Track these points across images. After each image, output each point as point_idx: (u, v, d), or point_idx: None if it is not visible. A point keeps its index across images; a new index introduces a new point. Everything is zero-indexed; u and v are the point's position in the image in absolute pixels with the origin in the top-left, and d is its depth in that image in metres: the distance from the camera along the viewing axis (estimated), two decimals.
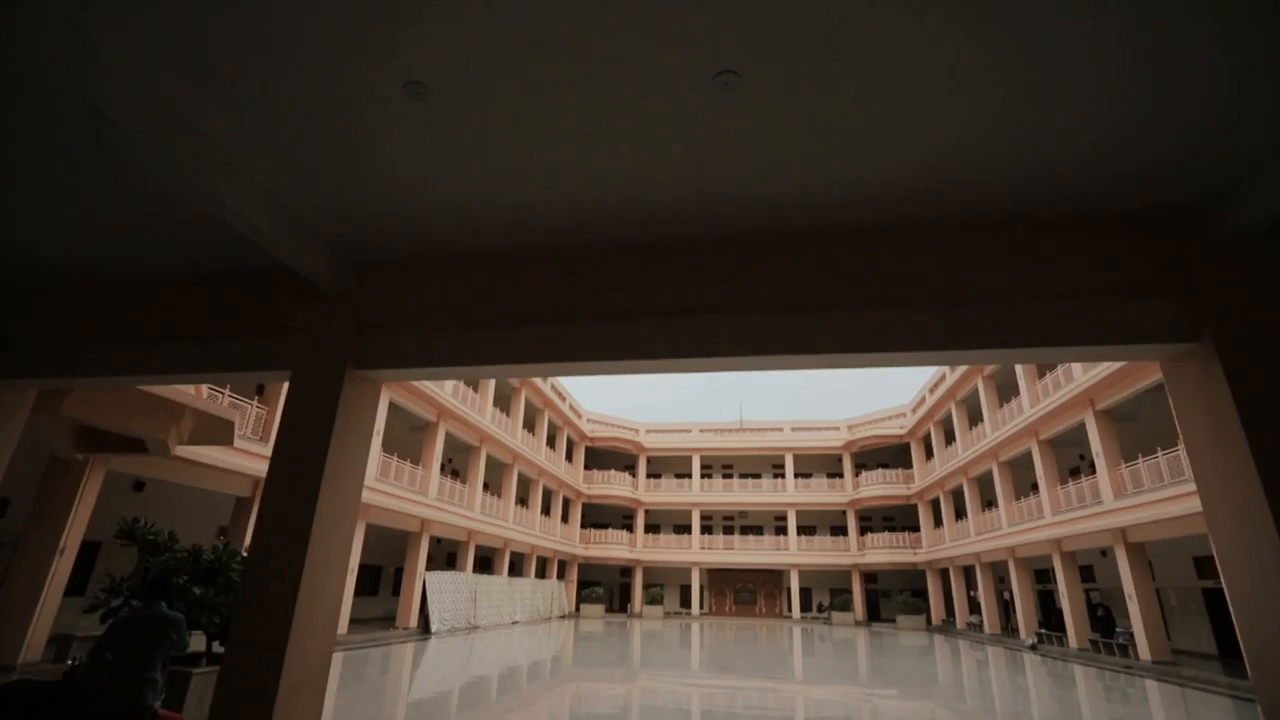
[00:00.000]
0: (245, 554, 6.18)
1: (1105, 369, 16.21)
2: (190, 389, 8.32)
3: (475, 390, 23.42)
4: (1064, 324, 3.82)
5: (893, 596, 34.72)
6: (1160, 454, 15.00)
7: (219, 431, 8.69)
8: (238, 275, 4.97)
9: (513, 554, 27.82)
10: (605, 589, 35.85)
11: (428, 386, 19.00)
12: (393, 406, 18.94)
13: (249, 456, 12.37)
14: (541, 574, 31.71)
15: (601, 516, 39.01)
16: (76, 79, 2.71)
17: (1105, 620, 19.27)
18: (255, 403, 12.93)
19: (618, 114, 3.16)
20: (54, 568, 8.79)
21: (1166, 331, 3.72)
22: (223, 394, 11.95)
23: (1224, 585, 3.55)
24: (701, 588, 36.81)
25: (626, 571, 38.17)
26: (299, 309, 4.73)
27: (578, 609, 34.14)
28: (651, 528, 39.08)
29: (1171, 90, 2.89)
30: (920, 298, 3.99)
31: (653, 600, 34.79)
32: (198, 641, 6.05)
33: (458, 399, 21.23)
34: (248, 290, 4.94)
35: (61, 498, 9.05)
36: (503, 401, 27.04)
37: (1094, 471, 19.07)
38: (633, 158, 3.47)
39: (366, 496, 16.14)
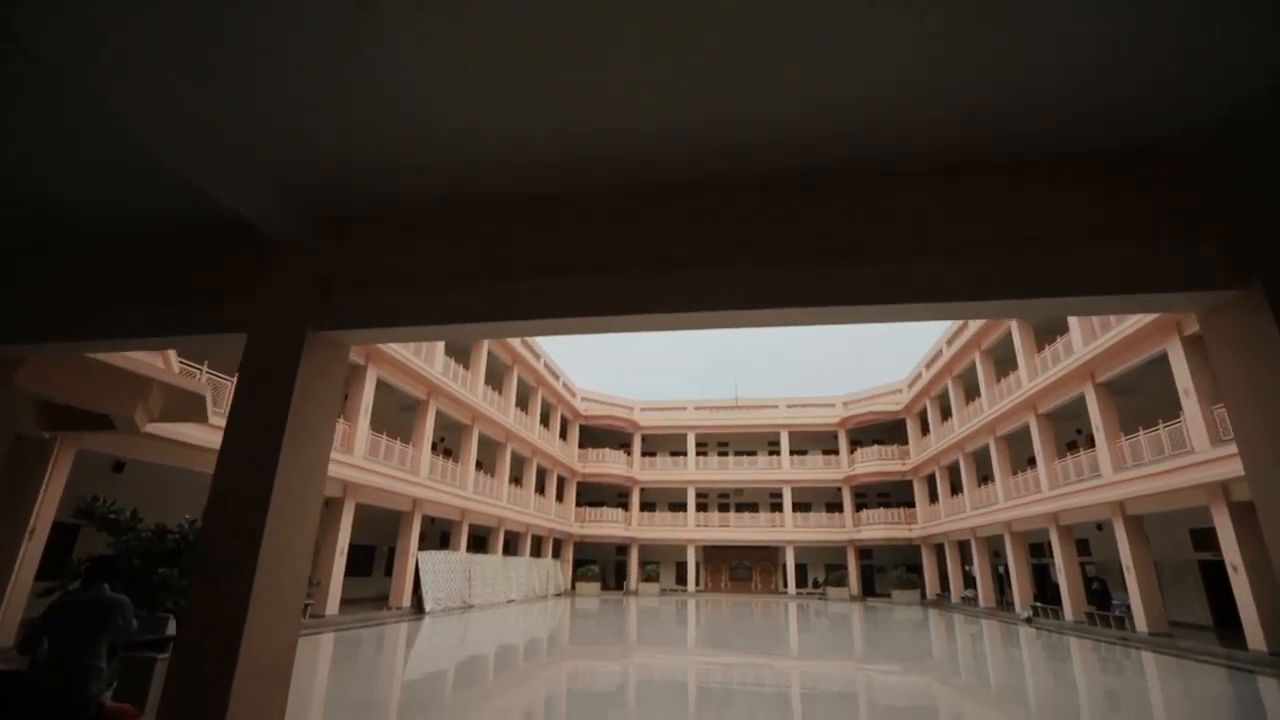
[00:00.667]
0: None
1: (1106, 341, 15.95)
2: (159, 362, 7.91)
3: (466, 368, 23.05)
4: (1091, 271, 3.44)
5: (887, 572, 34.87)
6: (1162, 425, 14.80)
7: (192, 407, 8.29)
8: (186, 231, 4.55)
9: (507, 533, 27.67)
10: (601, 567, 35.88)
11: (417, 364, 18.61)
12: (383, 386, 18.57)
13: None
14: (537, 553, 31.63)
15: (597, 495, 38.93)
16: None
17: (1100, 593, 19.29)
18: (235, 379, 12.49)
19: (618, 22, 2.74)
20: (23, 551, 8.44)
21: (1208, 278, 3.35)
22: (200, 370, 11.54)
23: (1269, 550, 3.23)
24: (697, 565, 36.90)
25: (622, 549, 38.19)
26: (255, 266, 4.32)
27: (573, 587, 34.16)
28: (647, 506, 39.05)
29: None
30: (933, 245, 3.60)
31: (649, 578, 34.84)
32: (166, 625, 5.73)
33: (449, 377, 20.86)
34: (198, 247, 4.53)
35: (29, 478, 8.68)
36: (495, 380, 26.67)
37: (1092, 445, 18.93)
38: (628, 83, 3.07)
39: (356, 476, 15.83)
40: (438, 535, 26.93)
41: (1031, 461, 23.81)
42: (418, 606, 18.77)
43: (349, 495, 16.12)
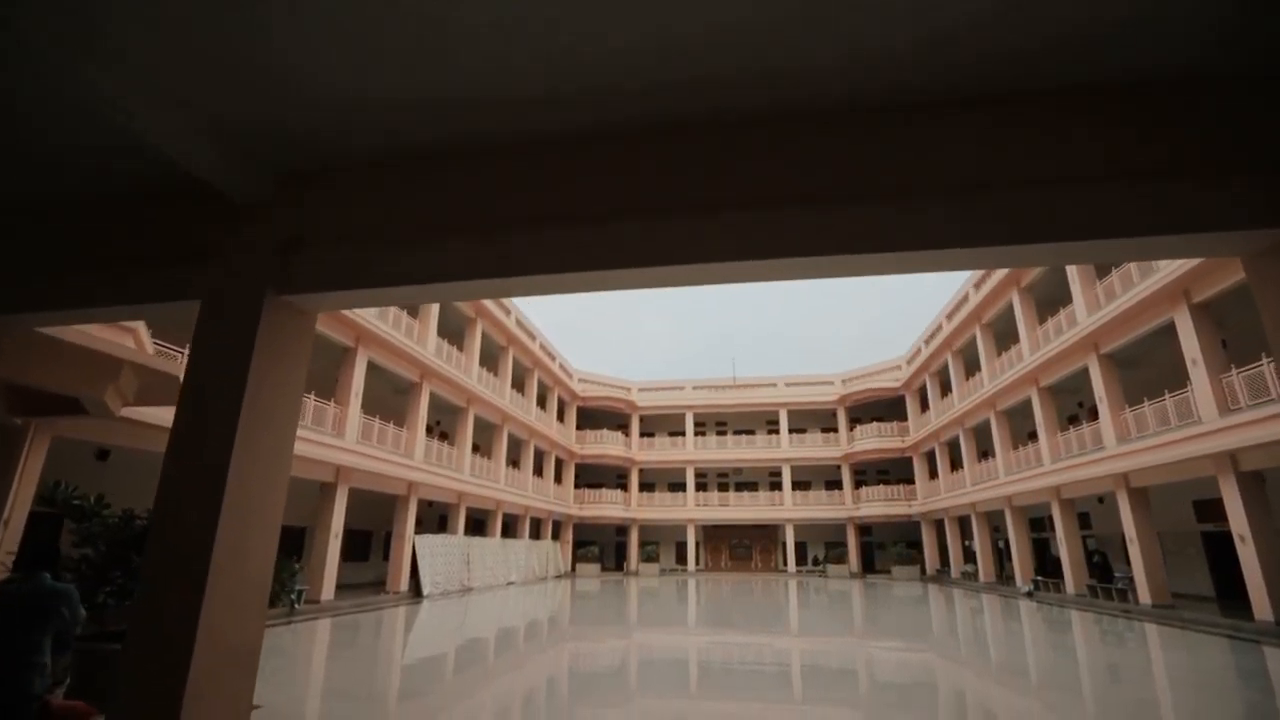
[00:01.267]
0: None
1: (1110, 311, 15.65)
2: (129, 341, 7.57)
3: (460, 350, 22.71)
4: (1122, 212, 3.07)
5: (887, 548, 34.90)
6: (1168, 396, 14.55)
7: (168, 390, 7.95)
8: (135, 193, 4.20)
9: (506, 515, 27.53)
10: (601, 548, 35.88)
11: (409, 345, 18.26)
12: (375, 368, 18.22)
13: None
14: (536, 535, 31.55)
15: (595, 476, 38.83)
16: None
17: (1102, 566, 19.21)
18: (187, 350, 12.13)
19: None
20: None
21: (1254, 216, 3.01)
22: (181, 353, 11.18)
23: None
24: (697, 544, 36.92)
25: (622, 530, 38.18)
26: (208, 227, 3.97)
27: (573, 568, 34.16)
28: (646, 486, 38.98)
29: None
30: (949, 186, 3.25)
31: (648, 558, 34.85)
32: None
33: (442, 358, 20.53)
34: (147, 211, 4.18)
35: (2, 465, 8.36)
36: (490, 362, 26.35)
37: (1094, 418, 18.72)
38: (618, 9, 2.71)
39: (348, 460, 15.56)
40: (436, 519, 26.78)
41: (1032, 436, 23.64)
42: (416, 590, 18.63)
43: (342, 480, 15.86)
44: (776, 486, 37.22)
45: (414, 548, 18.91)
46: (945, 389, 29.92)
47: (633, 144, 3.62)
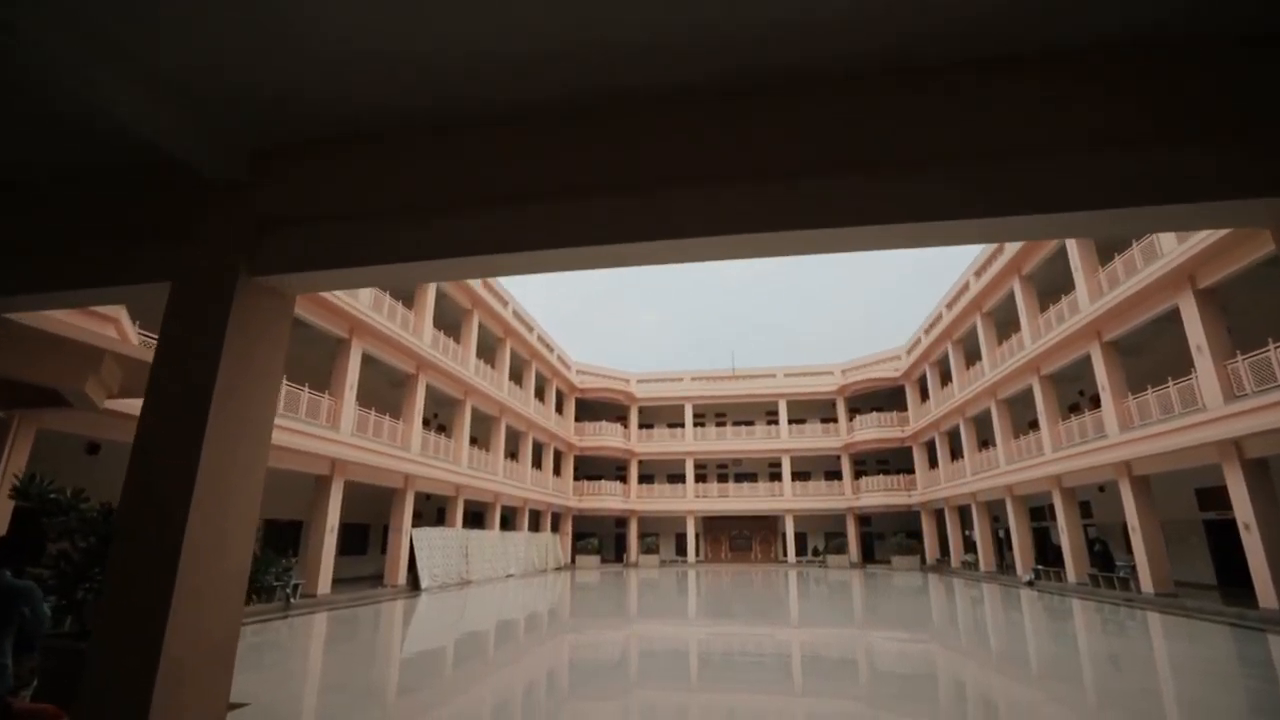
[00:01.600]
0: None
1: (1114, 298, 15.47)
2: (112, 331, 7.36)
3: (457, 342, 22.50)
4: (1143, 179, 2.87)
5: (887, 538, 34.86)
6: (1171, 383, 14.40)
7: None
8: (102, 172, 3.99)
9: (504, 508, 27.41)
10: (600, 540, 35.81)
11: (405, 337, 18.05)
12: (371, 361, 18.03)
13: None
14: (535, 527, 31.46)
15: (594, 468, 38.72)
16: None
17: (1103, 555, 19.11)
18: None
19: None
20: None
21: None
22: None
23: None
24: (697, 536, 36.87)
25: (621, 522, 38.12)
26: (179, 206, 3.77)
27: (573, 560, 34.10)
28: (645, 478, 38.89)
29: None
30: (944, 155, 3.04)
31: (648, 550, 34.80)
32: None
33: (438, 350, 20.32)
34: (115, 189, 3.97)
35: None
36: (487, 354, 26.15)
37: (1095, 407, 18.57)
38: None
39: (343, 453, 15.38)
40: (434, 512, 26.67)
41: (1033, 425, 23.51)
42: (414, 584, 18.51)
43: (337, 473, 15.69)
44: (776, 477, 37.14)
45: (411, 541, 18.78)
46: (945, 378, 29.78)
47: (620, 114, 3.42)
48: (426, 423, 23.89)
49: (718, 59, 3.09)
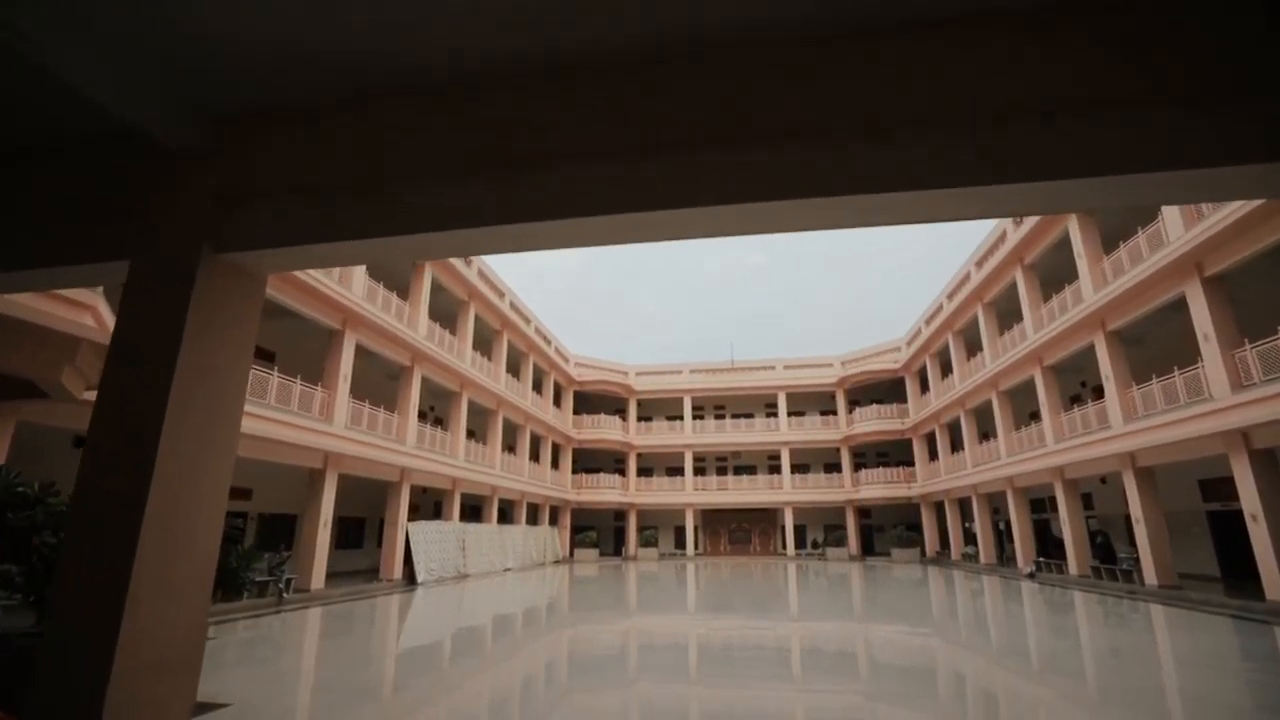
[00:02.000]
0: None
1: (1119, 286, 15.23)
2: (89, 320, 7.12)
3: (453, 334, 22.25)
4: (1138, 144, 2.61)
5: (887, 531, 34.76)
6: (1178, 373, 14.18)
7: None
8: (56, 142, 3.75)
9: (502, 501, 27.23)
10: (599, 533, 35.68)
11: (399, 328, 17.79)
12: (365, 352, 17.79)
13: None
14: (533, 521, 31.30)
15: (593, 461, 38.55)
16: None
17: (1104, 547, 18.98)
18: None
19: None
20: None
21: None
22: None
23: None
24: (696, 528, 36.75)
25: (620, 515, 37.98)
26: (139, 180, 3.54)
27: (571, 554, 33.97)
28: (644, 471, 38.74)
29: None
30: (926, 120, 2.81)
31: (647, 543, 34.68)
32: None
33: (434, 342, 20.08)
34: (70, 162, 3.74)
35: None
36: (483, 346, 25.90)
37: (1097, 398, 18.39)
38: None
39: (337, 446, 15.16)
40: (431, 505, 26.49)
41: (1034, 416, 23.33)
42: (410, 578, 18.34)
43: (330, 466, 15.47)
44: (775, 470, 36.99)
45: (407, 535, 18.59)
46: (946, 370, 29.58)
47: (606, 76, 3.18)
48: (423, 416, 23.69)
49: (704, 11, 2.85)
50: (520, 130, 3.22)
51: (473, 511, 26.53)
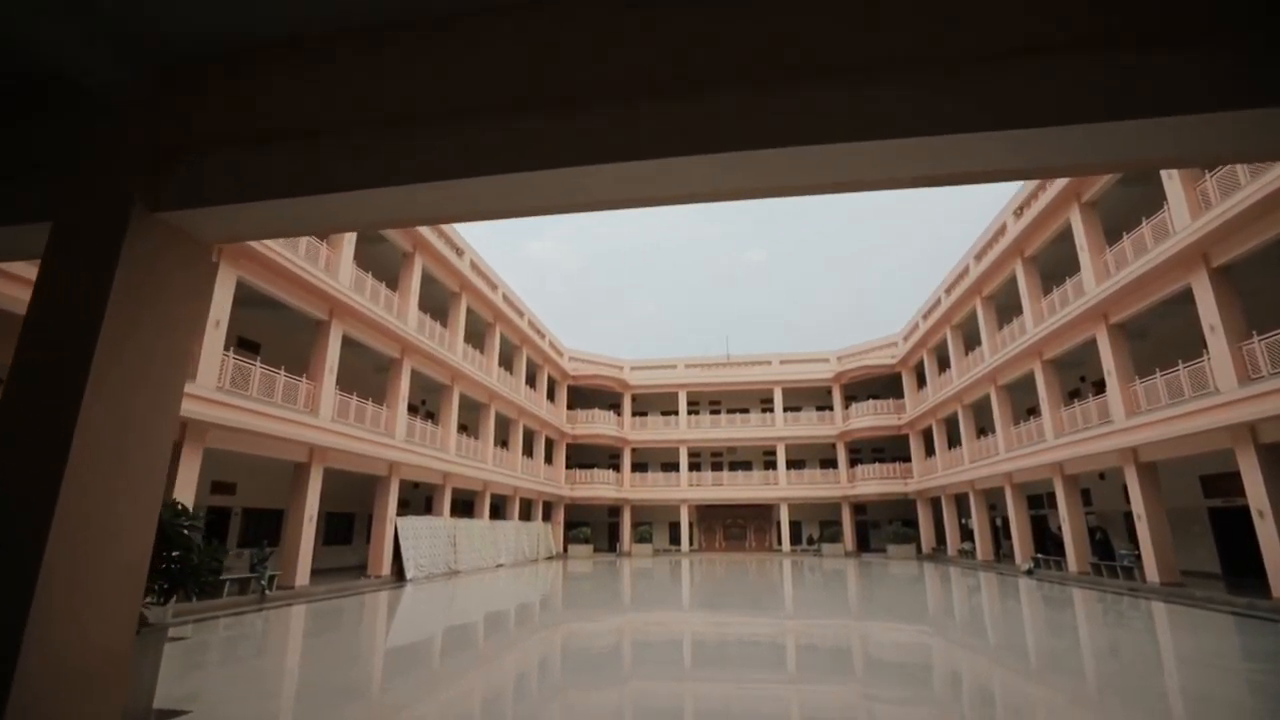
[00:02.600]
0: None
1: (1123, 278, 14.94)
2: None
3: (444, 326, 21.84)
4: (1149, 85, 2.30)
5: (883, 527, 34.58)
6: (1182, 366, 13.91)
7: None
8: None
9: (494, 497, 26.87)
10: (593, 529, 35.37)
11: (389, 319, 17.38)
12: (354, 344, 17.39)
13: None
14: (527, 516, 30.94)
15: (587, 457, 38.22)
16: None
17: (1103, 543, 18.76)
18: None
19: None
20: None
21: None
22: None
23: None
24: (691, 524, 36.49)
25: (615, 511, 37.68)
26: (63, 132, 3.16)
27: (565, 550, 33.65)
28: (639, 466, 38.44)
29: None
30: (903, 61, 2.51)
31: (642, 539, 34.38)
32: None
33: (424, 334, 19.67)
34: None
35: None
36: (476, 339, 25.50)
37: (1097, 392, 18.15)
38: None
39: (322, 439, 14.77)
40: (422, 500, 26.11)
41: (1031, 412, 23.10)
42: (399, 574, 17.97)
43: (316, 460, 15.07)
44: (771, 466, 36.74)
45: (396, 530, 18.22)
46: (943, 365, 29.34)
47: (588, 9, 2.82)
48: (414, 409, 23.28)
49: None
50: (497, 70, 2.85)
51: (465, 507, 26.17)
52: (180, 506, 5.17)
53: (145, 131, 3.06)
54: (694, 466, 37.88)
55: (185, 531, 5.10)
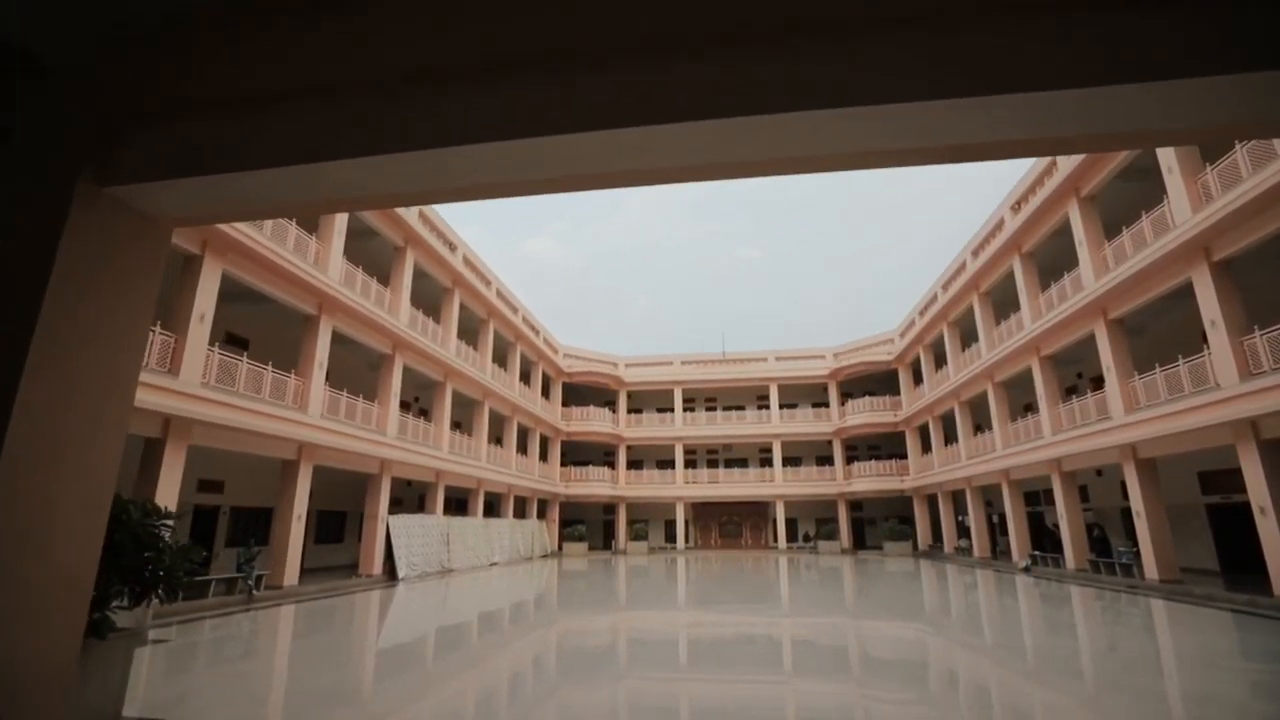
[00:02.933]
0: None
1: (1123, 272, 14.80)
2: None
3: (437, 322, 21.57)
4: (1131, 49, 2.17)
5: (879, 524, 34.49)
6: (1182, 362, 13.77)
7: None
8: None
9: (488, 494, 26.63)
10: (588, 527, 35.17)
11: (380, 314, 17.11)
12: (345, 340, 17.10)
13: (155, 390, 10.57)
14: (521, 514, 30.71)
15: (582, 454, 38.00)
16: None
17: (1100, 540, 18.66)
18: (157, 329, 11.02)
19: None
20: None
21: None
22: None
23: None
24: (687, 522, 36.31)
25: (610, 509, 37.49)
26: (5, 101, 2.90)
27: (560, 548, 33.44)
28: (634, 463, 38.23)
29: None
30: (889, 21, 2.35)
31: (637, 536, 34.19)
32: None
33: (416, 330, 19.40)
34: None
35: None
36: (469, 335, 25.22)
37: (1095, 388, 18.02)
38: None
39: (312, 436, 14.51)
40: (415, 498, 25.87)
41: (1029, 409, 22.98)
42: (391, 573, 17.72)
43: (305, 457, 14.81)
44: (767, 463, 36.58)
45: (388, 528, 17.97)
46: (940, 362, 29.20)
47: None
48: (407, 406, 23.03)
49: None
50: (454, 34, 2.62)
51: (458, 505, 25.93)
52: (151, 505, 4.93)
53: (92, 101, 2.83)
54: (690, 464, 37.70)
55: (156, 531, 4.86)
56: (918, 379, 32.12)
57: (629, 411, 38.35)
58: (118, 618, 5.06)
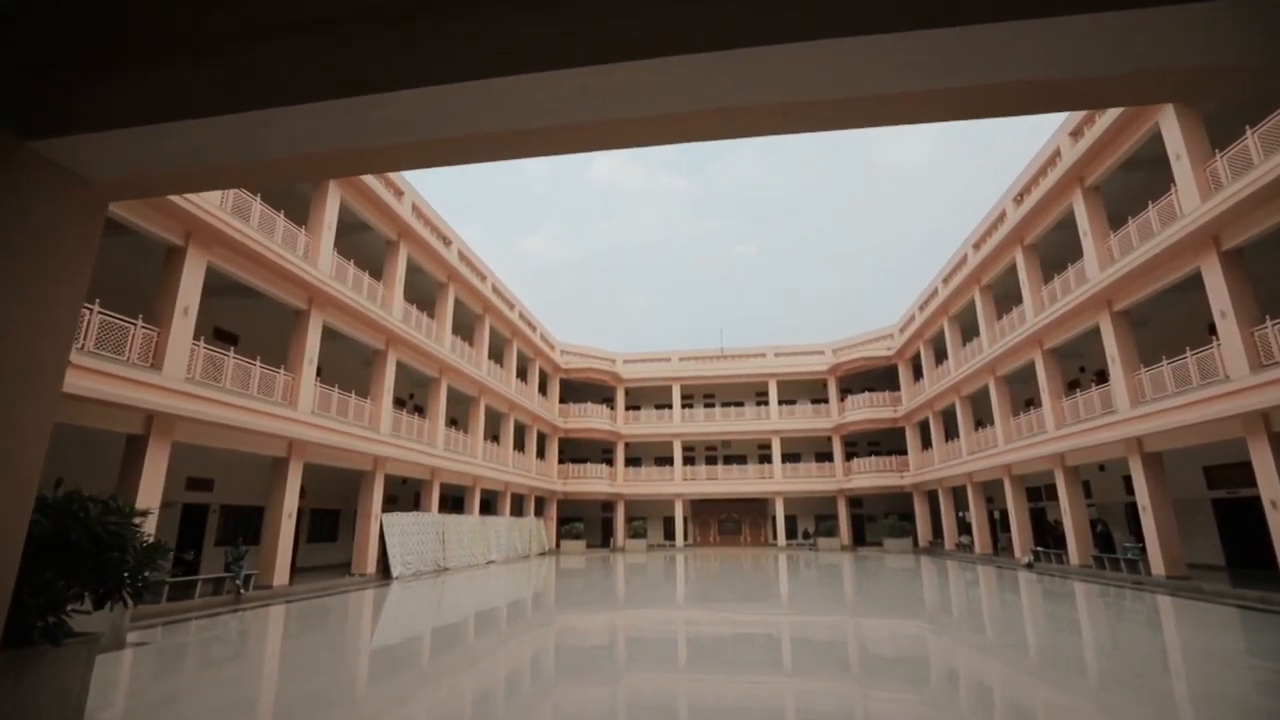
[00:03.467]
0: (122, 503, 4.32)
1: (1130, 262, 14.51)
2: None
3: (431, 317, 21.26)
4: None
5: (879, 520, 34.26)
6: (1189, 354, 13.50)
7: None
8: None
9: (485, 492, 26.35)
10: (586, 524, 34.92)
11: (372, 309, 16.78)
12: (338, 335, 16.80)
13: (135, 385, 10.26)
14: (519, 512, 30.44)
15: (580, 451, 37.75)
16: None
17: (1104, 536, 18.41)
18: (140, 322, 10.70)
19: None
20: None
21: None
22: (91, 309, 9.70)
23: None
24: (685, 519, 36.07)
25: (608, 506, 37.25)
26: None
27: (558, 546, 33.17)
28: (632, 461, 37.98)
29: None
30: None
31: (635, 534, 33.94)
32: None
33: (410, 324, 19.09)
34: None
35: None
36: (465, 331, 24.92)
37: (1098, 382, 17.76)
38: None
39: (302, 433, 14.20)
40: (410, 496, 25.60)
41: (1030, 403, 22.74)
42: (384, 572, 17.43)
43: (295, 454, 14.50)
44: (766, 459, 36.34)
45: (382, 526, 17.68)
46: (940, 357, 28.95)
47: None
48: (401, 403, 22.72)
49: None
50: None
51: (455, 502, 25.64)
52: (111, 502, 4.63)
53: (13, 46, 2.52)
54: (688, 460, 37.45)
55: (119, 530, 4.56)
56: (918, 374, 31.88)
57: (627, 408, 38.08)
58: (85, 621, 4.77)
